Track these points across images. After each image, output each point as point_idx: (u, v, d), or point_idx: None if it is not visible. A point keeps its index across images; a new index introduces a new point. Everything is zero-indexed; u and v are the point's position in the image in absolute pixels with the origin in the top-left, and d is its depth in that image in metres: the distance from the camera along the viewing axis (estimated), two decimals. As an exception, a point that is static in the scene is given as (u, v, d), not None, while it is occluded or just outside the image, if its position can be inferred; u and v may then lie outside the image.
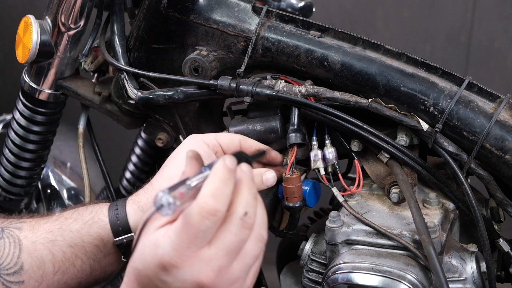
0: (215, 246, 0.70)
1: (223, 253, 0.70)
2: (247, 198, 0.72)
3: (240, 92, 0.98)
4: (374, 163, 0.99)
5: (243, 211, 0.71)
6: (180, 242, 0.70)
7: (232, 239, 0.70)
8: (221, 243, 0.70)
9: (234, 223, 0.70)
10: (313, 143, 1.00)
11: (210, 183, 0.70)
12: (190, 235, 0.69)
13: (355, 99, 0.95)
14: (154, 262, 0.71)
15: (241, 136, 0.93)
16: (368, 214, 0.94)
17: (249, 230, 0.71)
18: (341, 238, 0.92)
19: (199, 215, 0.69)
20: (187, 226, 0.69)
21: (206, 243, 0.70)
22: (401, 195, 0.94)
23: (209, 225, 0.69)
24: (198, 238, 0.69)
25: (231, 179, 0.71)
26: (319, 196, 1.02)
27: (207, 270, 0.69)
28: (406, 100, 0.94)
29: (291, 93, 0.98)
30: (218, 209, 0.69)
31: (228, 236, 0.70)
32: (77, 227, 0.89)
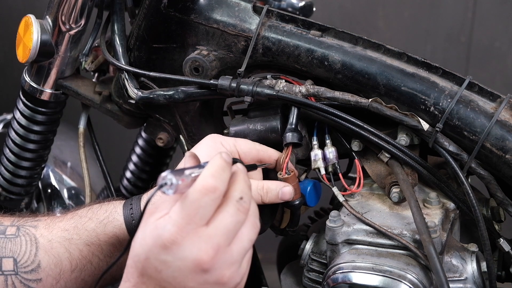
0: (213, 225, 0.73)
1: (221, 232, 0.73)
2: (242, 185, 0.76)
3: (241, 92, 0.98)
4: (374, 162, 0.99)
5: (239, 195, 0.75)
6: (180, 219, 0.72)
7: (229, 219, 0.73)
8: (220, 222, 0.73)
9: (231, 204, 0.74)
10: (314, 142, 1.00)
11: (209, 167, 0.74)
12: (190, 211, 0.72)
13: (355, 98, 0.95)
14: (153, 242, 0.73)
15: (261, 146, 0.94)
16: (369, 214, 0.94)
17: (245, 214, 0.75)
18: (342, 237, 0.92)
19: (199, 192, 0.72)
20: (187, 202, 0.72)
21: (205, 222, 0.73)
22: (401, 194, 0.94)
23: (208, 202, 0.72)
24: (197, 214, 0.72)
25: (228, 168, 0.75)
26: (319, 195, 1.02)
27: (207, 247, 0.72)
28: (406, 100, 0.94)
29: (291, 92, 0.98)
30: (218, 186, 0.73)
31: (226, 216, 0.73)
32: (93, 226, 0.89)
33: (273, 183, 0.92)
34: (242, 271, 0.75)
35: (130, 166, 1.37)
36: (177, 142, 1.17)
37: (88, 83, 1.18)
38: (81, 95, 1.16)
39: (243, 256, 0.75)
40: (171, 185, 0.72)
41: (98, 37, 1.13)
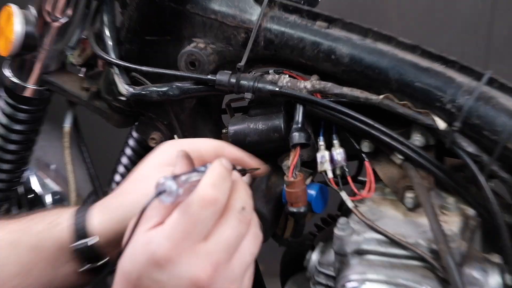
0: (213, 240, 0.70)
1: (221, 248, 0.71)
2: (244, 194, 0.75)
3: (241, 88, 0.98)
4: (386, 165, 0.99)
5: (241, 205, 0.74)
6: (177, 233, 0.70)
7: (230, 233, 0.71)
8: (220, 236, 0.71)
9: (233, 216, 0.72)
10: (320, 143, 0.99)
11: (209, 175, 0.72)
12: (188, 225, 0.70)
13: (365, 95, 0.95)
14: (146, 260, 0.70)
15: (221, 143, 0.92)
16: (381, 221, 0.93)
17: (247, 225, 0.74)
18: (351, 247, 0.91)
19: (199, 205, 0.70)
20: (185, 216, 0.69)
21: (203, 237, 0.70)
22: (416, 200, 0.94)
23: (208, 216, 0.70)
24: (196, 229, 0.70)
25: (229, 176, 0.74)
26: (326, 201, 1.02)
27: (205, 265, 0.69)
28: (420, 97, 0.94)
29: (295, 88, 0.97)
30: (219, 198, 0.71)
31: (227, 229, 0.71)
32: (40, 229, 0.87)
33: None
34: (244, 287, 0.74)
35: (120, 169, 1.37)
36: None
37: (75, 79, 1.18)
38: (67, 91, 1.16)
39: (244, 272, 0.73)
40: (171, 192, 0.70)
41: (86, 28, 1.13)
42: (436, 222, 0.87)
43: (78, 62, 1.17)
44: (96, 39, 1.11)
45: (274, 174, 1.04)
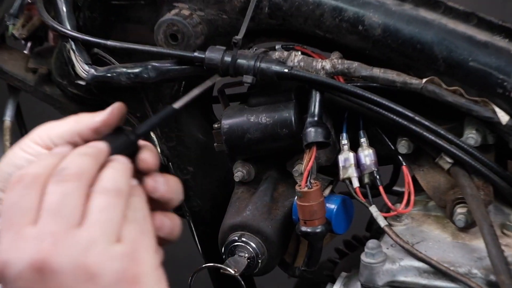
0: (40, 216, 0.75)
1: (49, 219, 0.75)
2: (71, 156, 0.78)
3: (238, 69, 0.98)
4: (430, 171, 0.99)
5: (62, 166, 0.77)
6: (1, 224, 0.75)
7: (52, 198, 0.75)
8: (45, 208, 0.75)
9: (51, 182, 0.76)
10: (343, 142, 1.00)
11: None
12: (10, 212, 0.75)
13: (403, 78, 0.95)
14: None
15: (73, 118, 0.93)
16: (422, 245, 0.94)
17: (72, 181, 0.76)
18: (384, 279, 0.92)
19: (13, 185, 0.75)
20: (4, 202, 0.75)
21: (30, 222, 0.75)
22: (469, 217, 0.94)
23: (22, 193, 0.75)
24: (17, 214, 0.75)
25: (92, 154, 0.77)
26: (351, 218, 1.02)
27: (38, 245, 0.74)
28: (476, 81, 0.94)
29: (310, 70, 0.98)
30: (28, 172, 0.76)
31: (48, 198, 0.75)
32: None
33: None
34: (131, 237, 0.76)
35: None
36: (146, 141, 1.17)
37: (18, 57, 1.18)
38: (8, 73, 1.16)
39: (104, 231, 0.75)
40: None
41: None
42: (495, 247, 0.88)
43: (21, 35, 1.17)
44: (45, 4, 1.11)
45: (281, 182, 1.05)
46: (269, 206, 1.02)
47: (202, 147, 1.14)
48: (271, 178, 1.05)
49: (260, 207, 1.02)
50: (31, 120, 1.25)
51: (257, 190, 1.04)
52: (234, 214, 1.03)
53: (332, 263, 1.28)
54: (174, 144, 1.13)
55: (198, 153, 1.14)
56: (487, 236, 0.89)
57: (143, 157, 0.82)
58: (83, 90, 1.13)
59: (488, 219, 0.90)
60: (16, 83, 1.17)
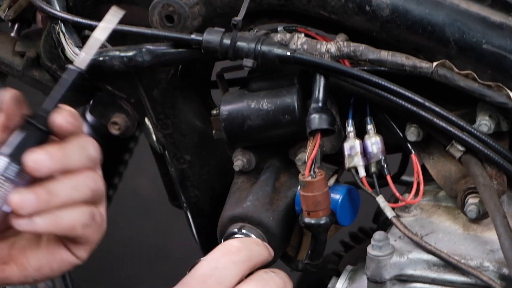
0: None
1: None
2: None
3: (238, 52, 0.99)
4: (441, 159, 1.00)
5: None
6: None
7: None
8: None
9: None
10: (349, 129, 1.00)
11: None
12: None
13: (412, 62, 0.96)
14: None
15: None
16: (432, 237, 0.95)
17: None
18: (391, 272, 0.93)
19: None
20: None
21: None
22: (482, 208, 0.95)
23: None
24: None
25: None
26: (356, 209, 1.03)
27: None
28: (490, 64, 0.95)
29: (314, 53, 0.98)
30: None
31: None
32: None
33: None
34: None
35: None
36: (140, 129, 1.17)
37: (4, 40, 1.18)
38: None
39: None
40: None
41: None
42: (508, 238, 0.88)
43: (8, 16, 1.17)
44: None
45: (284, 171, 1.05)
46: (270, 196, 1.02)
47: (200, 134, 1.14)
48: (273, 167, 1.05)
49: (261, 198, 1.02)
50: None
51: (258, 179, 1.04)
52: (234, 205, 1.03)
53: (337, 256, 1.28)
54: (170, 132, 1.13)
55: (195, 141, 1.14)
56: (500, 228, 0.89)
57: (57, 123, 0.84)
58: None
59: (501, 209, 0.91)
60: (3, 67, 1.17)
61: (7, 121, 0.83)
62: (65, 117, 0.85)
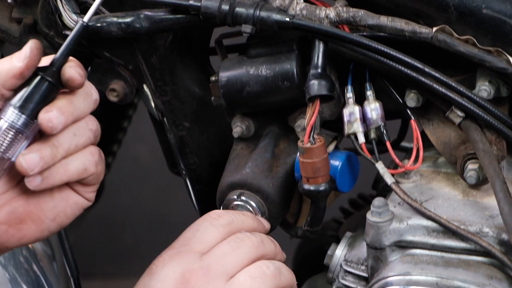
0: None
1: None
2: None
3: (236, 18, 0.98)
4: (440, 125, 1.00)
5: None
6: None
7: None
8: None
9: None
10: (348, 95, 1.00)
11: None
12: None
13: (412, 27, 0.95)
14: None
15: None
16: (432, 203, 0.95)
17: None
18: (391, 238, 0.93)
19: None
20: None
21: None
22: (481, 173, 0.95)
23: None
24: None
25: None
26: (356, 176, 1.03)
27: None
28: (490, 29, 0.94)
29: (313, 18, 0.98)
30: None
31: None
32: None
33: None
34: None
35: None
36: (138, 95, 1.17)
37: (1, 6, 1.17)
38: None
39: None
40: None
41: None
42: (508, 204, 0.88)
43: (4, -17, 1.17)
44: None
45: (283, 138, 1.05)
46: (270, 163, 1.02)
47: (199, 101, 1.13)
48: (272, 134, 1.05)
49: (260, 164, 1.02)
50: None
51: (257, 146, 1.04)
52: (233, 172, 1.03)
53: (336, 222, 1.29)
54: (168, 98, 1.13)
55: (194, 108, 1.14)
56: (499, 193, 0.89)
57: (68, 76, 0.86)
58: (71, 41, 1.12)
59: (500, 175, 0.91)
60: (0, 34, 1.16)
61: (25, 70, 0.84)
62: (76, 69, 0.86)
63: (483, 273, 0.89)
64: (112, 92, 1.15)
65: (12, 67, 0.84)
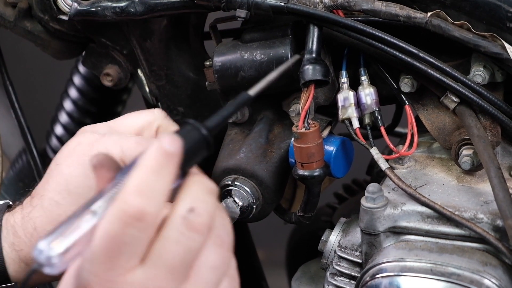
0: (150, 263, 0.72)
1: (164, 272, 0.72)
2: (195, 190, 0.73)
3: (231, 3, 0.98)
4: (435, 110, 0.99)
5: (188, 206, 0.72)
6: (98, 263, 0.71)
7: (173, 250, 0.72)
8: (159, 257, 0.72)
9: (174, 225, 0.72)
10: (342, 80, 1.00)
11: (135, 176, 0.71)
12: (110, 252, 0.71)
13: (406, 12, 0.94)
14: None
15: (153, 116, 0.91)
16: (426, 188, 0.94)
17: (200, 233, 0.72)
18: (385, 224, 0.92)
19: (120, 222, 0.70)
20: (104, 239, 0.71)
21: (137, 261, 0.72)
22: (476, 159, 0.95)
23: (135, 235, 0.71)
24: (122, 255, 0.71)
25: (169, 167, 0.72)
26: (350, 161, 1.02)
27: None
28: (485, 14, 0.94)
29: (308, 3, 0.97)
30: (146, 210, 0.70)
31: (166, 245, 0.72)
32: None
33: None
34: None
35: (61, 117, 1.37)
36: (132, 80, 1.17)
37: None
38: (-15, 8, 1.15)
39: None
40: (51, 263, 0.70)
41: None
42: (502, 190, 0.88)
43: (-1, -33, 1.16)
44: None
45: (277, 123, 1.05)
46: (264, 148, 1.02)
47: (193, 86, 1.13)
48: (266, 119, 1.04)
49: (254, 150, 1.02)
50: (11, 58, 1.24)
51: (251, 131, 1.04)
52: (227, 157, 1.03)
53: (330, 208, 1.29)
54: (163, 83, 1.13)
55: (188, 92, 1.14)
56: (494, 179, 0.89)
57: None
58: (65, 25, 1.11)
59: (495, 161, 0.90)
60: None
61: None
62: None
63: (477, 259, 0.89)
64: (106, 77, 1.15)
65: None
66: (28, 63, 1.67)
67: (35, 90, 1.71)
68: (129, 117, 0.92)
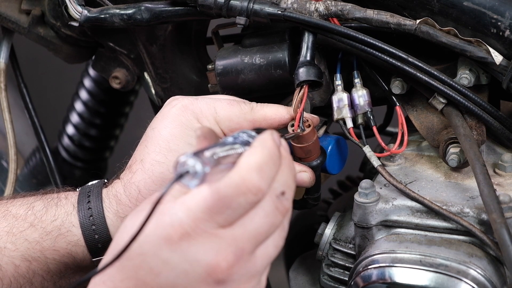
0: (241, 225, 0.75)
1: (249, 236, 0.76)
2: (288, 177, 0.78)
3: (231, 10, 0.98)
4: (424, 111, 0.99)
5: (282, 189, 0.77)
6: (200, 212, 0.74)
7: (263, 221, 0.76)
8: (250, 223, 0.76)
9: (269, 201, 0.76)
10: (337, 82, 1.00)
11: (257, 155, 0.76)
12: (216, 208, 0.74)
13: (396, 20, 0.95)
14: (156, 233, 0.74)
15: (253, 107, 0.94)
16: (415, 184, 0.95)
17: (282, 216, 0.78)
18: (377, 218, 0.93)
19: (236, 189, 0.74)
20: (214, 196, 0.74)
21: (228, 224, 0.75)
22: (462, 157, 0.95)
23: (243, 205, 0.75)
24: (223, 215, 0.74)
25: (278, 157, 0.77)
26: (344, 159, 1.02)
27: (227, 251, 0.74)
28: (470, 21, 0.94)
29: (303, 11, 0.97)
30: (262, 188, 0.75)
31: (259, 215, 0.76)
32: (36, 237, 0.89)
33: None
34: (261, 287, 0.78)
35: (73, 117, 1.37)
36: (139, 83, 1.17)
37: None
38: (1, 15, 1.15)
39: (265, 267, 0.78)
40: (195, 174, 0.72)
41: None
42: (487, 186, 0.88)
43: (13, -24, 1.17)
44: None
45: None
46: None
47: (196, 88, 1.13)
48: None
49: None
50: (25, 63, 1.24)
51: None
52: (229, 155, 1.03)
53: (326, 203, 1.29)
54: (168, 85, 1.13)
55: (192, 94, 1.13)
56: (479, 176, 0.89)
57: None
58: (76, 31, 1.12)
59: (480, 158, 0.91)
60: (9, 25, 1.16)
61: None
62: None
63: (464, 251, 0.89)
64: (115, 80, 1.15)
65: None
66: (41, 67, 1.67)
67: (47, 92, 1.72)
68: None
